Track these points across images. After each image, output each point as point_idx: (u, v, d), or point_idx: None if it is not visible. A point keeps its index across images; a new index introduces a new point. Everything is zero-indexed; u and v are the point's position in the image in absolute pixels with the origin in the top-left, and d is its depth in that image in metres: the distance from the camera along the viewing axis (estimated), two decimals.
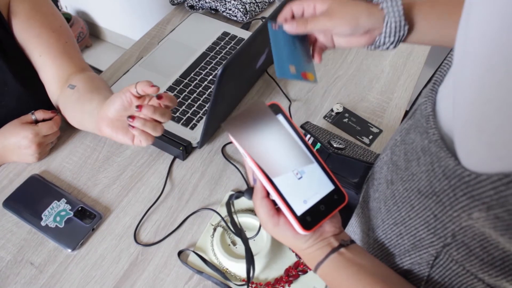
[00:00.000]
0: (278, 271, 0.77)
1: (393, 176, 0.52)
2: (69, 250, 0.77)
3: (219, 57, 1.10)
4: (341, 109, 1.03)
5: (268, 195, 0.52)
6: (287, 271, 0.77)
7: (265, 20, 0.65)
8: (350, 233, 0.66)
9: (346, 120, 1.01)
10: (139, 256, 0.78)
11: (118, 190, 0.86)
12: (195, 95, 1.01)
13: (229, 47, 1.13)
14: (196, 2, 1.23)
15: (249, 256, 0.61)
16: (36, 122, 0.85)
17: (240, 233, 0.61)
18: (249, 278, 0.62)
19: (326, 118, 1.02)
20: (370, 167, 0.79)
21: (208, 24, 1.20)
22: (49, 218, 0.80)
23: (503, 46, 0.32)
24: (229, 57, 0.72)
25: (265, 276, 0.76)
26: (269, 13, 1.27)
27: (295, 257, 0.78)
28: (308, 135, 0.89)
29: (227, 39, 1.15)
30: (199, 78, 1.05)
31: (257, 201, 0.52)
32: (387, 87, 1.10)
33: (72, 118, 0.86)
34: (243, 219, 0.81)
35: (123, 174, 0.89)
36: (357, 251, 0.50)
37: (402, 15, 0.61)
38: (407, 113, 1.11)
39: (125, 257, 0.77)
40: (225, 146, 0.94)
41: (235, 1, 1.21)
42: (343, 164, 0.83)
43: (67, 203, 0.82)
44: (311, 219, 0.49)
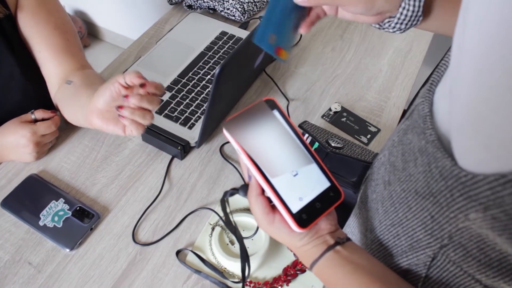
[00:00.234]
0: (276, 270, 0.77)
1: (391, 176, 0.51)
2: (67, 249, 0.77)
3: (217, 56, 1.11)
4: (339, 108, 1.03)
5: (263, 192, 0.51)
6: (286, 270, 0.77)
7: None
8: (348, 233, 0.66)
9: (344, 119, 1.01)
10: (138, 255, 0.78)
11: (116, 189, 0.86)
12: (193, 94, 1.01)
13: (227, 46, 1.13)
14: (194, 1, 1.23)
15: (244, 254, 0.61)
16: (35, 121, 0.85)
17: (234, 230, 0.61)
18: (244, 276, 0.62)
19: (324, 117, 1.02)
20: (368, 166, 0.79)
21: (206, 23, 1.20)
22: (47, 217, 0.80)
23: (500, 44, 0.32)
24: (227, 57, 0.72)
25: (263, 275, 0.76)
26: None
27: (293, 257, 0.79)
28: (306, 135, 0.89)
29: (225, 38, 1.15)
30: (197, 77, 1.05)
31: (252, 199, 0.51)
32: (385, 86, 1.10)
33: (68, 113, 0.86)
34: (241, 219, 0.81)
35: (121, 173, 0.89)
36: (353, 249, 0.50)
37: (421, 5, 0.58)
38: (405, 112, 1.11)
39: (123, 257, 0.77)
40: (223, 145, 0.94)
41: (233, 0, 1.21)
42: (341, 163, 0.83)
43: (65, 202, 0.82)
44: (307, 217, 0.49)
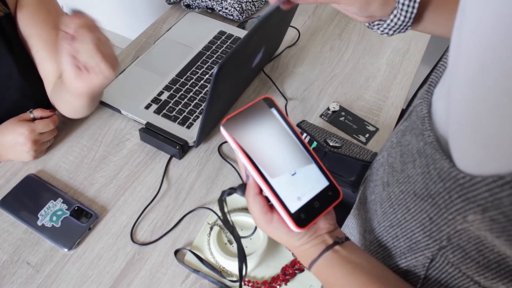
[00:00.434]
0: (275, 269, 0.77)
1: (389, 178, 0.51)
2: (66, 249, 0.77)
3: (215, 56, 1.10)
4: (337, 108, 1.03)
5: (261, 191, 0.51)
6: (284, 270, 0.77)
7: None
8: (347, 234, 0.65)
9: (342, 118, 1.01)
10: (136, 255, 0.78)
11: (114, 189, 0.86)
12: (191, 94, 1.01)
13: (225, 46, 1.13)
14: (192, 1, 1.23)
15: (241, 253, 0.61)
16: (34, 120, 0.85)
17: (232, 230, 0.60)
18: (242, 275, 0.62)
19: (322, 116, 1.02)
20: (366, 165, 0.79)
21: (204, 23, 1.20)
22: (45, 217, 0.80)
23: (498, 45, 0.32)
24: (225, 56, 0.72)
25: (262, 274, 0.76)
26: (265, 12, 1.27)
27: (292, 256, 0.79)
28: (304, 134, 0.89)
29: (223, 38, 1.15)
30: (195, 77, 1.05)
31: (250, 198, 0.51)
32: (384, 85, 1.10)
33: (61, 105, 0.87)
34: (239, 218, 0.81)
35: (120, 173, 0.88)
36: (352, 248, 0.50)
37: (412, 17, 0.59)
38: (403, 111, 1.11)
39: (121, 256, 0.77)
40: (221, 145, 0.94)
41: (231, 0, 1.21)
42: (339, 162, 0.83)
43: (63, 202, 0.82)
44: (305, 216, 0.48)
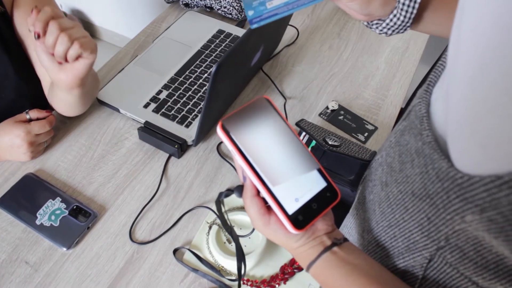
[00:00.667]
0: (273, 268, 0.77)
1: (388, 178, 0.51)
2: (64, 248, 0.77)
3: (214, 55, 1.10)
4: (336, 107, 1.03)
5: (258, 193, 0.50)
6: (283, 269, 0.77)
7: None
8: (345, 234, 0.65)
9: (341, 117, 1.01)
10: (135, 254, 0.78)
11: (113, 188, 0.86)
12: (190, 93, 1.01)
13: (224, 44, 1.13)
14: (191, 0, 1.22)
15: (240, 253, 0.61)
16: (30, 121, 0.85)
17: (230, 230, 0.60)
18: (240, 275, 0.62)
19: (321, 115, 1.02)
20: (365, 164, 0.79)
21: (203, 21, 1.20)
22: (44, 216, 0.80)
23: (496, 45, 0.31)
24: (223, 55, 0.72)
25: (260, 273, 0.76)
26: None
27: (290, 255, 0.79)
28: (303, 133, 0.89)
29: (222, 36, 1.15)
30: (194, 76, 1.05)
31: (247, 200, 0.50)
32: (382, 84, 1.10)
33: (58, 104, 0.87)
34: (239, 217, 0.81)
35: (118, 172, 0.88)
36: (351, 249, 0.50)
37: (412, 17, 0.59)
38: (402, 110, 1.11)
39: (120, 255, 0.77)
40: (220, 144, 0.94)
41: None
42: (338, 161, 0.83)
43: (62, 201, 0.82)
44: (303, 218, 0.48)
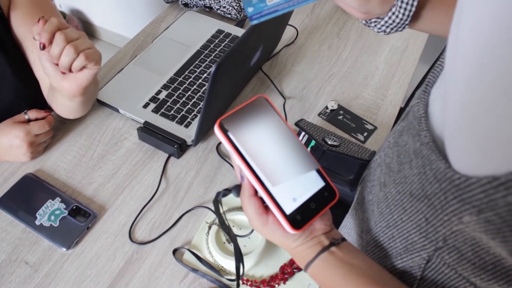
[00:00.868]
0: (273, 268, 0.77)
1: (386, 178, 0.51)
2: (64, 249, 0.77)
3: (213, 54, 1.10)
4: (335, 106, 1.03)
5: (256, 193, 0.50)
6: (282, 269, 0.77)
7: None
8: (344, 234, 0.65)
9: (340, 117, 1.01)
10: (134, 254, 0.78)
11: (112, 188, 0.86)
12: (189, 93, 1.01)
13: (223, 44, 1.13)
14: (190, 0, 1.23)
15: (238, 253, 0.61)
16: (29, 121, 0.85)
17: (228, 230, 0.60)
18: (239, 275, 0.62)
19: (320, 115, 1.02)
20: (365, 164, 0.79)
21: (202, 21, 1.20)
22: (43, 217, 0.80)
23: (495, 45, 0.31)
24: (223, 55, 0.72)
25: (260, 273, 0.76)
26: None
27: (290, 255, 0.79)
28: (302, 133, 0.89)
29: (221, 36, 1.15)
30: (193, 76, 1.05)
31: (245, 200, 0.50)
32: (382, 84, 1.10)
33: (58, 109, 0.87)
34: (237, 217, 0.81)
35: (118, 172, 0.88)
36: (349, 249, 0.49)
37: (410, 15, 0.59)
38: (401, 110, 1.11)
39: (120, 256, 0.77)
40: (220, 144, 0.94)
41: None
42: (337, 161, 0.83)
43: (61, 202, 0.82)
44: (301, 218, 0.48)
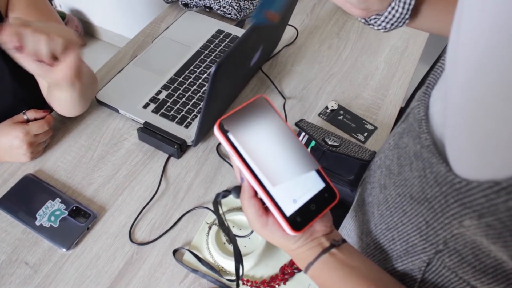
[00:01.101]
0: (273, 268, 0.77)
1: (386, 180, 0.51)
2: (64, 249, 0.77)
3: (213, 55, 1.10)
4: (335, 106, 1.03)
5: (256, 194, 0.50)
6: (283, 269, 0.77)
7: None
8: (344, 236, 0.65)
9: (341, 117, 1.01)
10: (134, 255, 0.78)
11: (112, 189, 0.86)
12: (189, 93, 1.01)
13: (223, 45, 1.13)
14: (190, 0, 1.22)
15: (237, 254, 0.61)
16: (28, 121, 0.85)
17: (228, 232, 0.60)
18: (238, 276, 0.62)
19: (320, 115, 1.02)
20: (365, 164, 0.79)
21: (202, 22, 1.20)
22: (43, 217, 0.79)
23: (495, 48, 0.31)
24: (223, 55, 0.72)
25: (260, 274, 0.76)
26: None
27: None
28: (302, 133, 0.89)
29: (221, 37, 1.15)
30: (193, 76, 1.05)
31: (245, 201, 0.50)
32: (382, 84, 1.10)
33: (57, 106, 0.87)
34: (237, 217, 0.81)
35: (118, 173, 0.88)
36: (349, 251, 0.49)
37: (410, 9, 0.59)
38: (402, 110, 1.11)
39: (120, 256, 0.77)
40: (220, 144, 0.94)
41: None
42: (338, 161, 0.83)
43: (61, 202, 0.82)
44: (301, 219, 0.48)
